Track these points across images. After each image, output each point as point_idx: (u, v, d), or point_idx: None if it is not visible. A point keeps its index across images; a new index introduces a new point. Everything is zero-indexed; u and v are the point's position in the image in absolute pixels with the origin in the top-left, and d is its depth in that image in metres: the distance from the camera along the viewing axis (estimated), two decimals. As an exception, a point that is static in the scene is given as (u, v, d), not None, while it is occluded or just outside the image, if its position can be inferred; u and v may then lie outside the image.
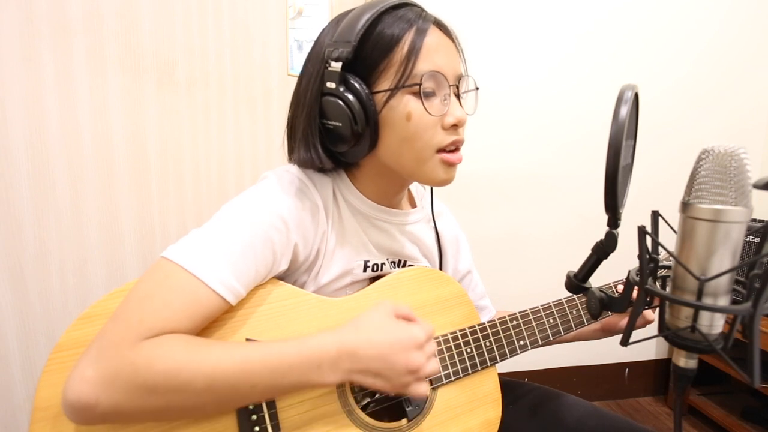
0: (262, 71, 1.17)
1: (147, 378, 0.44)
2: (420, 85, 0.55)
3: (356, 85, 0.55)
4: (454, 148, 0.59)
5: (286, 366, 0.47)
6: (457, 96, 0.60)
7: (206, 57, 1.10)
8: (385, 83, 0.56)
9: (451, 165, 0.60)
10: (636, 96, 0.39)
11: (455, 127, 0.58)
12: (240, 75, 1.15)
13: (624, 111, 0.36)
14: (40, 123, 0.95)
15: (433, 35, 0.57)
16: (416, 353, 0.50)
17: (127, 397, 0.44)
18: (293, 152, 0.63)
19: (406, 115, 0.56)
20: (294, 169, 0.62)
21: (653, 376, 1.72)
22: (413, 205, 0.75)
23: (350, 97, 0.55)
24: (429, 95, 0.56)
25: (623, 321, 0.75)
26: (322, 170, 0.63)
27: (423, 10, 0.59)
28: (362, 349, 0.48)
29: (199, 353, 0.46)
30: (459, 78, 0.59)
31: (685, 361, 0.39)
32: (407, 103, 0.56)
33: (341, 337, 0.49)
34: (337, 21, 0.59)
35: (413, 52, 0.55)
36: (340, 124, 0.56)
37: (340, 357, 0.48)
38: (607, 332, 0.76)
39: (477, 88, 0.63)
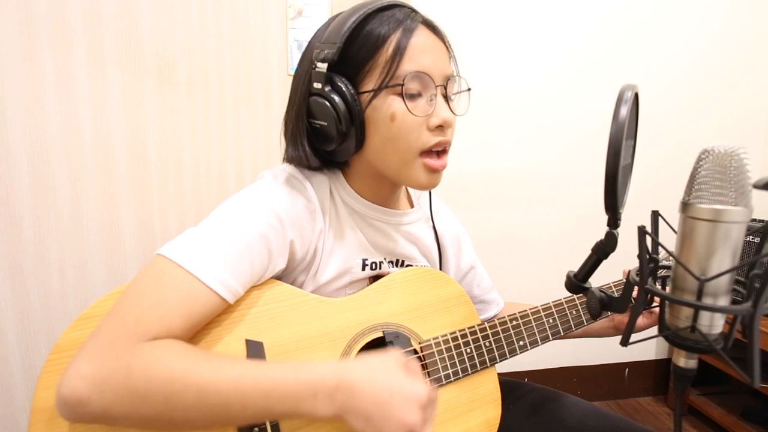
0: (262, 71, 1.17)
1: (140, 383, 0.43)
2: (403, 85, 0.55)
3: (342, 85, 0.55)
4: (441, 149, 0.59)
5: (281, 390, 0.45)
6: (445, 96, 0.59)
7: (206, 57, 1.10)
8: (371, 84, 0.56)
9: (434, 171, 0.59)
10: (636, 96, 0.38)
11: (441, 128, 0.58)
12: (240, 75, 1.15)
13: (624, 111, 0.36)
14: (40, 123, 0.95)
15: (421, 35, 0.56)
16: (415, 410, 0.45)
17: (119, 399, 0.43)
18: (285, 150, 0.64)
19: (390, 115, 0.56)
20: (290, 168, 0.62)
21: (653, 376, 1.72)
22: (411, 204, 0.75)
23: (335, 97, 0.55)
24: (414, 96, 0.56)
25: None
26: (315, 168, 0.63)
27: (413, 10, 0.59)
28: (361, 388, 0.45)
29: (196, 365, 0.45)
30: (447, 78, 0.59)
31: (685, 361, 0.39)
32: (391, 103, 0.56)
33: (343, 371, 0.47)
34: (328, 23, 0.60)
35: (398, 53, 0.55)
36: (326, 124, 0.57)
37: (338, 390, 0.45)
38: (620, 330, 0.76)
39: (469, 89, 0.62)
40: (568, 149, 1.53)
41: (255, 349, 0.54)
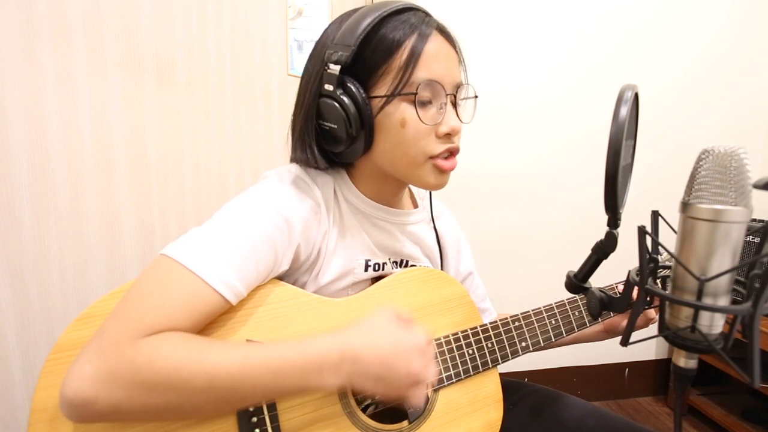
0: (262, 71, 1.17)
1: (147, 375, 0.44)
2: (416, 94, 0.55)
3: (353, 88, 0.55)
4: (448, 154, 0.60)
5: (287, 368, 0.46)
6: (454, 104, 0.59)
7: (206, 57, 1.10)
8: (383, 88, 0.56)
9: (443, 172, 0.60)
10: (636, 96, 0.39)
11: (449, 135, 0.59)
12: (240, 75, 1.15)
13: (624, 111, 0.36)
14: (40, 123, 0.95)
15: (435, 42, 0.56)
16: (418, 358, 0.49)
17: (126, 394, 0.43)
18: (292, 150, 0.63)
19: (400, 121, 0.56)
20: (295, 168, 0.62)
21: (653, 376, 1.72)
22: (415, 204, 0.75)
23: (347, 100, 0.55)
24: (425, 104, 0.57)
25: (626, 321, 0.75)
26: (321, 169, 0.63)
27: (427, 15, 0.59)
28: (365, 353, 0.47)
29: (200, 352, 0.46)
30: (457, 86, 0.59)
31: (685, 361, 0.39)
32: (403, 110, 0.56)
33: (344, 341, 0.48)
34: (340, 21, 0.59)
35: (412, 59, 0.55)
36: (336, 126, 0.56)
37: (343, 360, 0.47)
38: (610, 333, 0.76)
39: (476, 97, 0.63)
40: (568, 149, 1.53)
41: (255, 349, 0.54)
